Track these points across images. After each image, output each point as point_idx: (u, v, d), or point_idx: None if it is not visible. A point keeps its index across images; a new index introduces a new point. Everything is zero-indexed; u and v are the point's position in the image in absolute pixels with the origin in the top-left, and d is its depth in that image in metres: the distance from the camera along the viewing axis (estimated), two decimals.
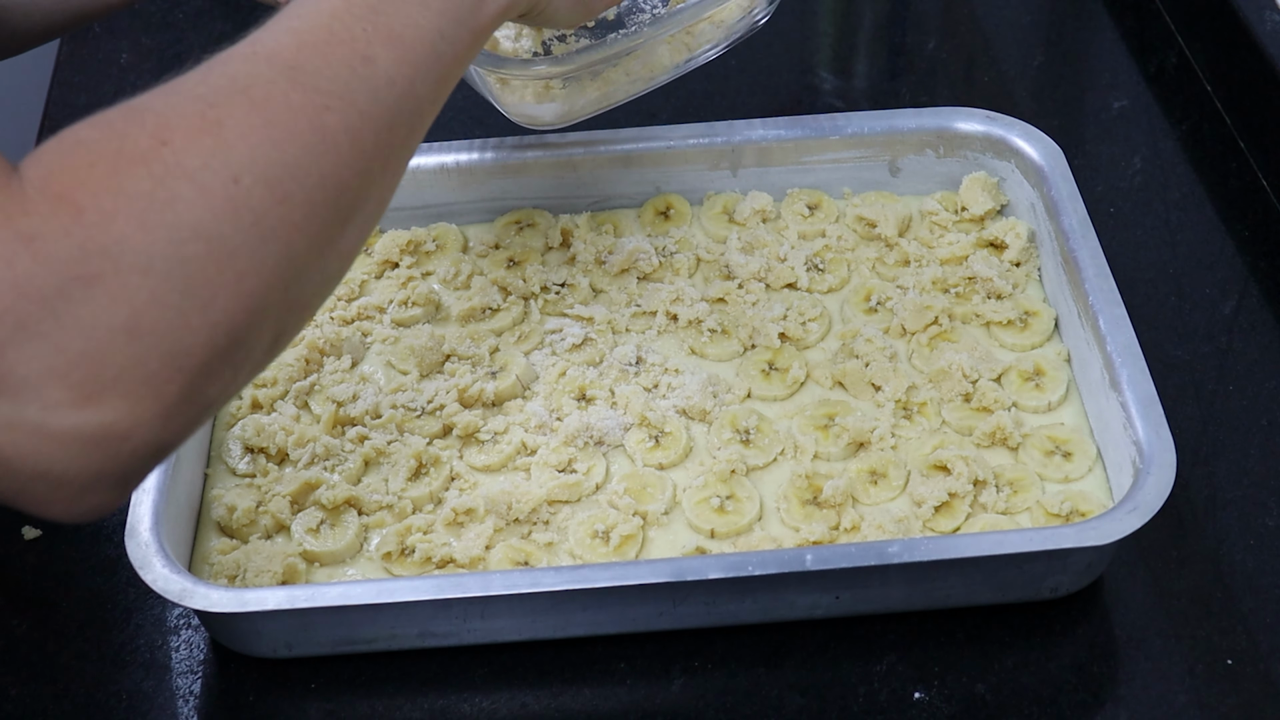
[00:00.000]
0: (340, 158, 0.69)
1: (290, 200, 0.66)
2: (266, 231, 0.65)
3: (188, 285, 0.62)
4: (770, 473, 1.03)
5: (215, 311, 0.63)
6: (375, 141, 0.71)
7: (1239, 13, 1.27)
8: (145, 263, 0.61)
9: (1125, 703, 0.94)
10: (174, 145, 0.64)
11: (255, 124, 0.66)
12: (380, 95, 0.71)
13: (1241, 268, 1.19)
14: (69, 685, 0.96)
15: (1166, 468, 0.93)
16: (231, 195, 0.64)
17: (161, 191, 0.63)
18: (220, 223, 0.64)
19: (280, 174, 0.66)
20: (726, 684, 0.95)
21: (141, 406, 0.62)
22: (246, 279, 0.64)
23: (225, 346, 0.64)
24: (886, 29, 1.48)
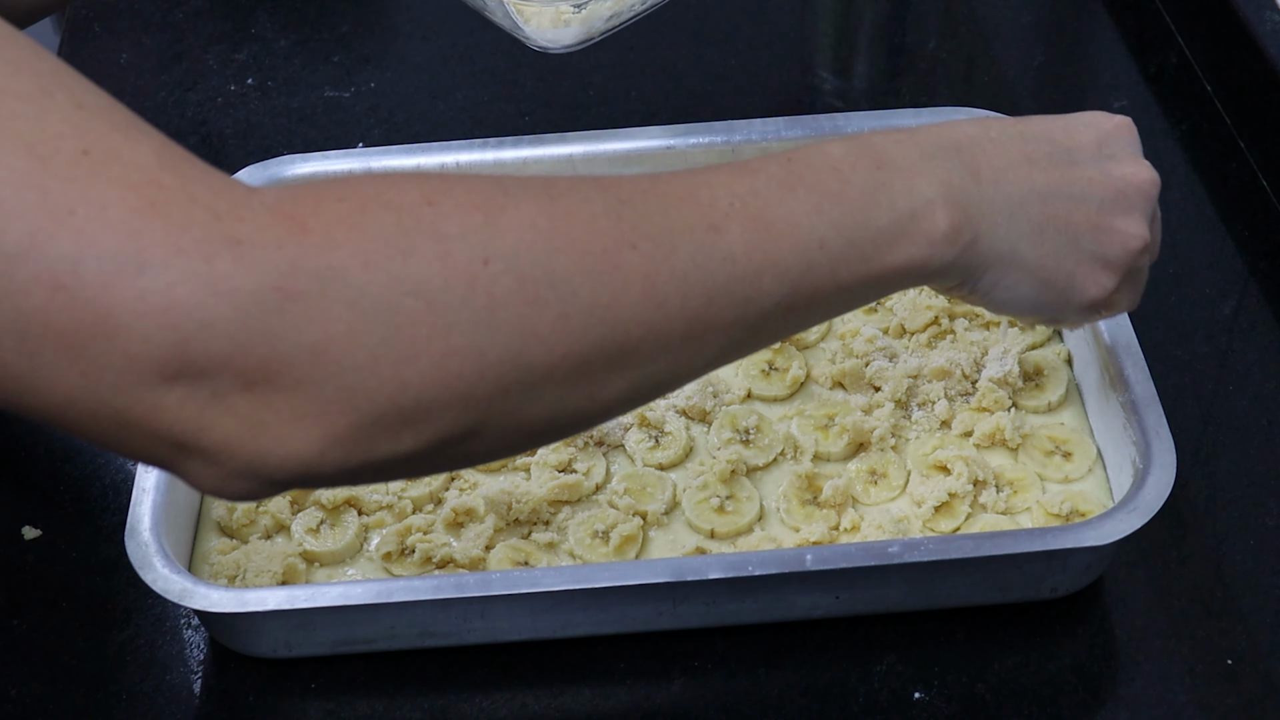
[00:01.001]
0: (625, 297, 0.64)
1: (541, 305, 0.62)
2: (499, 324, 0.61)
3: (391, 335, 0.60)
4: (770, 473, 1.03)
5: (410, 371, 0.60)
6: (681, 305, 0.65)
7: (1239, 13, 1.27)
8: (354, 297, 0.59)
9: (1125, 703, 0.94)
10: (439, 208, 0.62)
11: (539, 223, 0.63)
12: (708, 265, 0.66)
13: (1241, 268, 1.19)
14: (69, 685, 0.96)
15: (1166, 468, 0.93)
16: (474, 272, 0.61)
17: (402, 241, 0.60)
18: (449, 291, 0.60)
19: (540, 275, 0.62)
20: (726, 684, 0.95)
21: (304, 422, 0.60)
22: (456, 357, 0.61)
23: (411, 409, 0.61)
24: (886, 29, 1.48)
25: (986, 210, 0.76)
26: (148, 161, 0.59)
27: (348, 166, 1.16)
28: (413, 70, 1.41)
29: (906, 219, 0.73)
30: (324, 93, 1.39)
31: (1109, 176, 0.80)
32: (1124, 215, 0.80)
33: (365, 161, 1.17)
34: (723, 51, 1.42)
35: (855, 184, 0.72)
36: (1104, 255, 0.80)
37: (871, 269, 0.72)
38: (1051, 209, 0.78)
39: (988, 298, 0.80)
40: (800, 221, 0.69)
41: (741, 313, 0.68)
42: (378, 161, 1.17)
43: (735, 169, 0.71)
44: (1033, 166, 0.78)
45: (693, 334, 0.67)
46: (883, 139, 0.75)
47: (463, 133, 1.21)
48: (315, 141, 1.34)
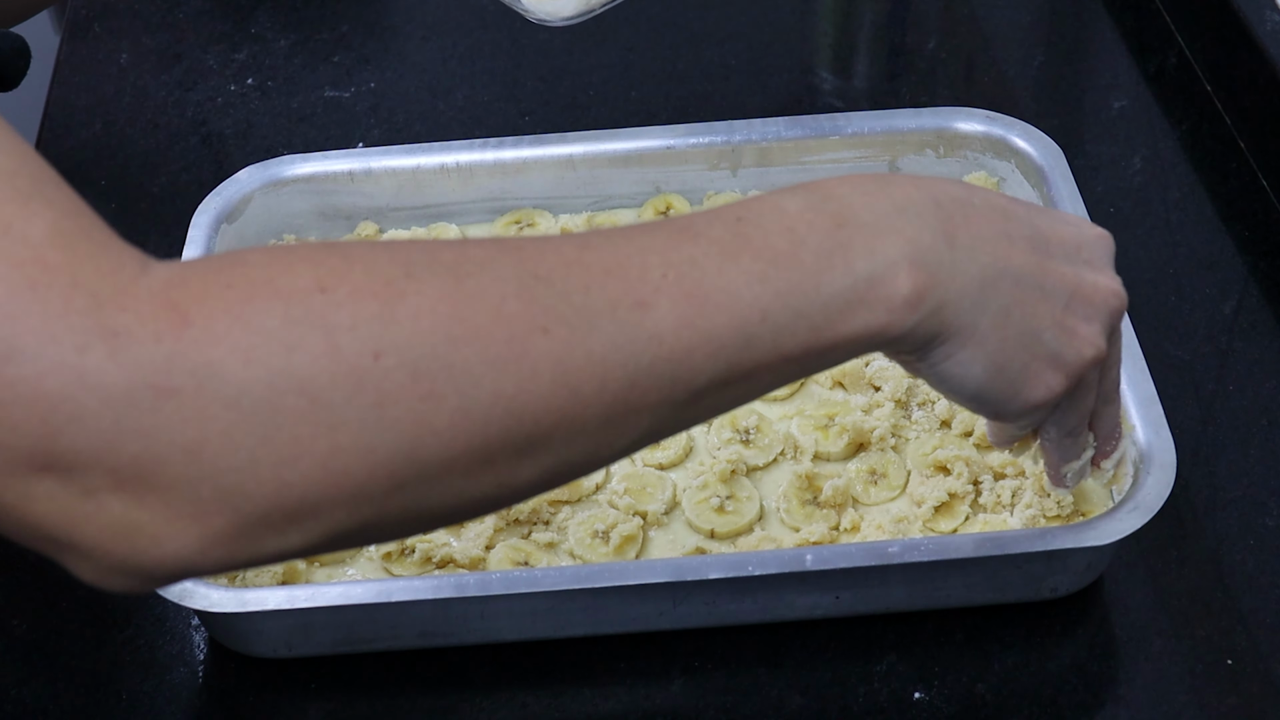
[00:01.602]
0: (532, 386, 0.60)
1: (437, 400, 0.58)
2: (389, 420, 0.58)
3: (271, 434, 0.56)
4: (770, 473, 1.03)
5: (292, 472, 0.57)
6: (599, 389, 0.61)
7: (1239, 13, 1.27)
8: (233, 395, 0.56)
9: (1125, 703, 0.94)
10: (332, 296, 0.58)
11: (441, 312, 0.59)
12: (630, 346, 0.62)
13: (1241, 268, 1.19)
14: (69, 685, 0.96)
15: (1166, 468, 0.93)
16: (363, 368, 0.57)
17: (287, 333, 0.57)
18: (335, 388, 0.57)
19: (437, 371, 0.58)
20: (726, 684, 0.95)
21: (180, 523, 0.57)
22: (342, 456, 0.57)
23: (295, 509, 0.58)
24: (886, 29, 1.48)
25: (957, 277, 0.70)
26: (39, 236, 0.56)
27: (348, 166, 1.16)
28: (413, 70, 1.41)
29: (864, 284, 0.67)
30: (324, 93, 1.39)
31: (1081, 278, 0.76)
32: (1087, 321, 0.76)
33: (365, 161, 1.17)
34: (723, 51, 1.42)
35: (810, 245, 0.67)
36: (1060, 355, 0.75)
37: (821, 339, 0.67)
38: (1021, 294, 0.73)
39: (935, 370, 0.74)
40: (740, 292, 0.64)
41: (669, 394, 0.63)
42: (378, 162, 1.17)
43: (677, 231, 0.66)
44: (1011, 245, 0.73)
45: (613, 418, 0.62)
46: (851, 190, 0.70)
47: (463, 133, 1.21)
48: (315, 141, 1.34)
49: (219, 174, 1.21)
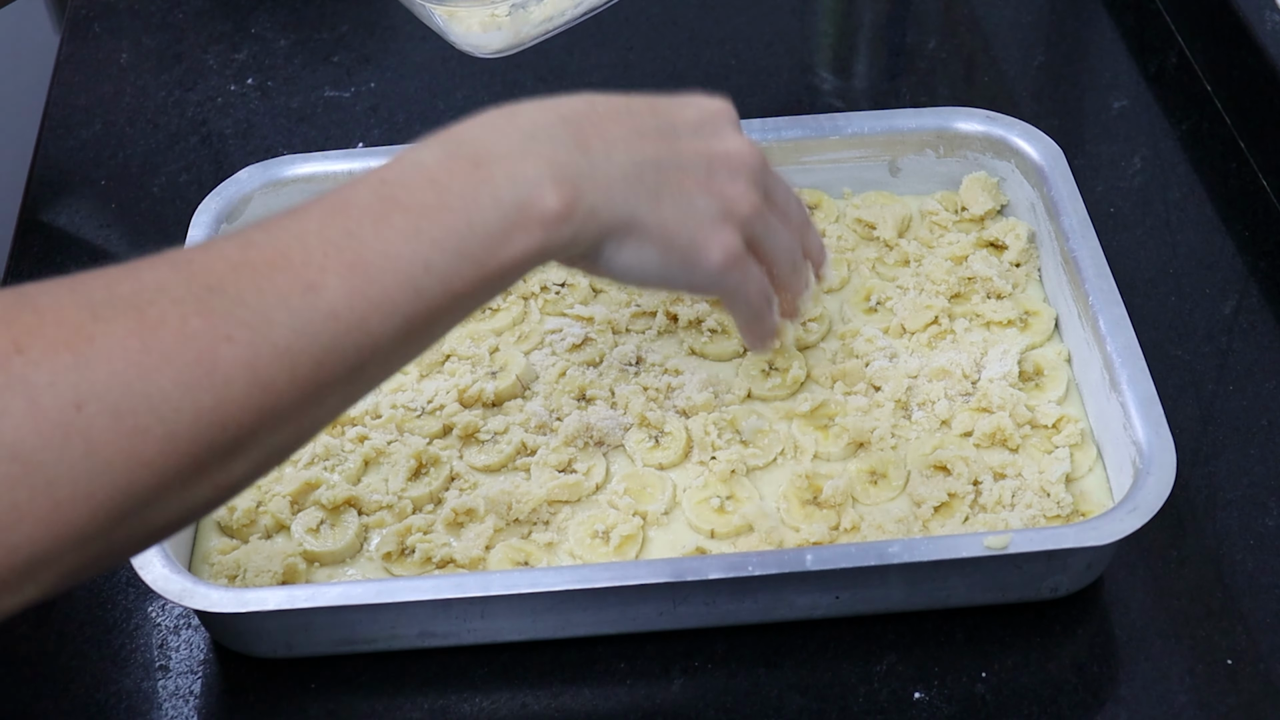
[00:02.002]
0: (227, 394, 0.62)
1: (144, 434, 0.60)
2: (101, 464, 0.59)
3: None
4: (770, 473, 1.03)
5: (17, 535, 0.58)
6: (290, 378, 0.64)
7: (1239, 13, 1.27)
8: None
9: (1125, 703, 0.94)
10: (29, 355, 0.59)
11: (130, 347, 0.61)
12: (310, 329, 0.64)
13: (1241, 268, 1.19)
14: (69, 685, 0.96)
15: (1166, 468, 0.93)
16: (67, 421, 0.59)
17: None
18: (45, 448, 0.58)
19: (138, 405, 0.60)
20: (726, 684, 0.95)
21: None
22: (64, 508, 0.59)
23: (24, 567, 0.59)
24: (886, 29, 1.48)
25: (599, 180, 0.75)
26: None
27: (348, 166, 1.16)
28: (413, 70, 1.41)
29: (514, 211, 0.71)
30: (324, 93, 1.39)
31: (712, 149, 0.81)
32: (732, 181, 0.81)
33: (365, 162, 1.17)
34: (723, 51, 1.42)
35: (454, 191, 0.70)
36: (719, 215, 0.80)
37: (487, 270, 0.70)
38: (664, 177, 0.78)
39: (611, 266, 0.78)
40: (400, 251, 0.67)
41: (356, 361, 0.66)
42: (377, 161, 1.16)
43: (330, 209, 0.68)
44: (642, 138, 0.79)
45: (308, 399, 0.65)
46: (482, 129, 0.73)
47: None
48: (315, 141, 1.34)
49: (219, 174, 1.21)
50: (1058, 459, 1.01)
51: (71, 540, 0.60)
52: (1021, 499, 0.99)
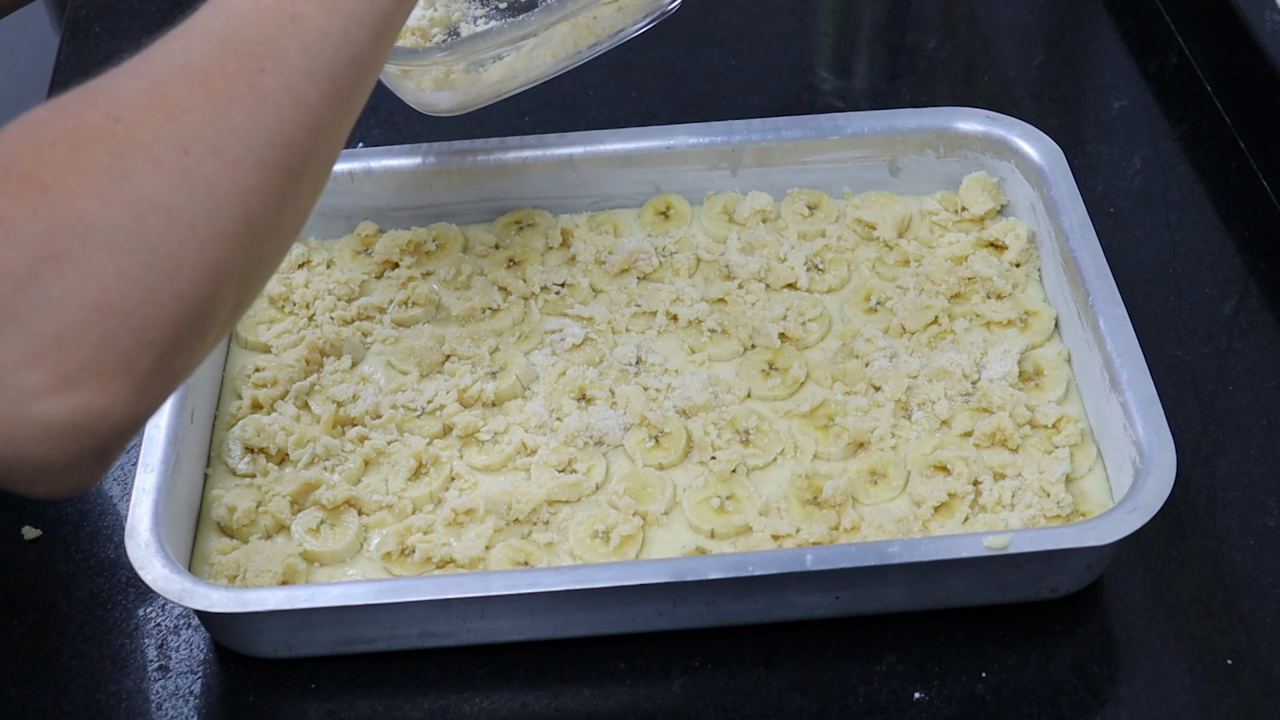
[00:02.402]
0: (284, 116, 0.70)
1: (241, 165, 0.68)
2: (221, 198, 0.66)
3: (152, 258, 0.64)
4: (770, 473, 1.03)
5: (181, 282, 0.65)
6: (319, 94, 0.72)
7: (1239, 13, 1.27)
8: (110, 238, 0.63)
9: (1125, 703, 0.94)
10: (126, 121, 0.65)
11: (197, 95, 0.68)
12: (314, 49, 0.72)
13: (1241, 268, 1.19)
14: (69, 685, 0.96)
15: (1166, 468, 0.93)
16: (184, 166, 0.65)
17: (119, 166, 0.64)
18: (176, 193, 0.65)
19: (228, 140, 0.67)
20: (726, 684, 0.95)
21: (116, 385, 0.63)
22: (208, 247, 0.66)
23: (193, 316, 0.66)
24: (886, 29, 1.48)
25: None
26: None
27: (347, 167, 1.16)
28: None
29: None
30: None
31: None
32: None
33: (365, 162, 1.17)
34: (723, 51, 1.42)
35: None
36: None
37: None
38: None
39: None
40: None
41: (356, 72, 0.75)
42: (378, 162, 1.17)
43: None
44: None
45: (337, 113, 0.73)
46: None
47: (463, 133, 1.21)
48: None
49: None
50: (1058, 459, 1.01)
51: (219, 281, 0.66)
52: (1021, 499, 0.99)
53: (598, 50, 1.08)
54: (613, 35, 1.07)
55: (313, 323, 1.12)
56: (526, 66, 1.06)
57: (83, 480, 0.67)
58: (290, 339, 1.11)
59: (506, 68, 1.05)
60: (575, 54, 1.07)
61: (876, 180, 1.20)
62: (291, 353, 1.09)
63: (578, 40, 1.06)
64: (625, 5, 1.05)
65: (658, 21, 1.08)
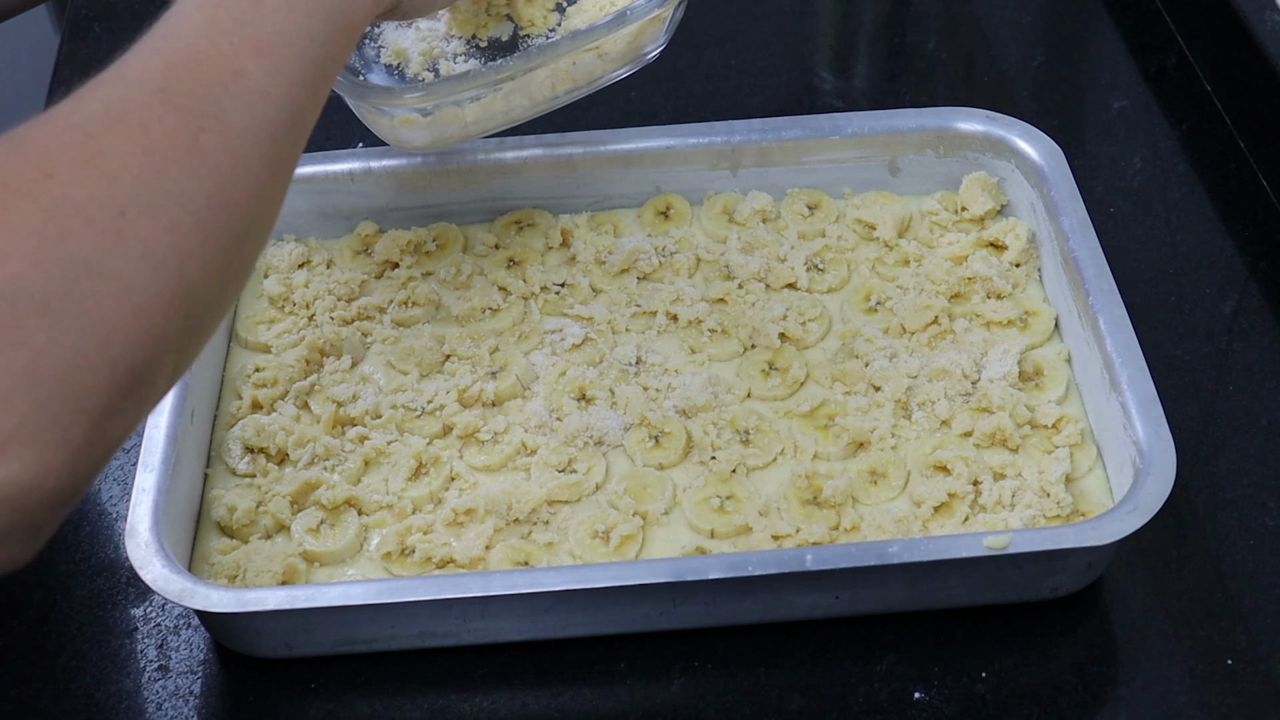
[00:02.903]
0: (224, 179, 0.67)
1: (179, 228, 0.65)
2: (158, 262, 0.64)
3: (84, 323, 0.61)
4: (770, 473, 1.03)
5: (115, 348, 0.62)
6: (259, 157, 0.70)
7: (1239, 13, 1.27)
8: (41, 301, 0.60)
9: (1125, 703, 0.94)
10: (59, 177, 0.62)
11: (134, 152, 0.65)
12: (256, 109, 0.70)
13: (1241, 268, 1.19)
14: (69, 685, 0.96)
15: (1166, 468, 0.94)
16: (119, 228, 0.63)
17: (51, 226, 0.61)
18: (111, 256, 0.62)
19: (165, 201, 0.65)
20: (726, 684, 0.95)
21: (47, 454, 0.60)
22: (144, 313, 0.63)
23: (128, 384, 0.63)
24: (886, 29, 1.48)
25: None
26: None
27: (348, 167, 1.16)
28: None
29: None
30: None
31: None
32: None
33: (365, 162, 1.17)
34: (723, 51, 1.42)
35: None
36: None
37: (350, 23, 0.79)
38: None
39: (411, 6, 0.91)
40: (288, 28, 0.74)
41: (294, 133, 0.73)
42: (378, 162, 1.17)
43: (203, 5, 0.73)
44: None
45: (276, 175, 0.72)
46: None
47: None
48: (315, 141, 1.33)
49: None
50: (1058, 459, 1.01)
51: (155, 346, 0.64)
52: (1021, 499, 0.99)
53: (575, 95, 1.06)
54: (591, 81, 1.06)
55: (313, 323, 1.12)
56: (504, 109, 1.05)
57: (11, 558, 0.63)
58: (290, 339, 1.11)
59: (483, 109, 1.04)
60: (553, 98, 1.06)
61: (876, 180, 1.20)
62: (291, 353, 1.09)
63: (555, 85, 1.05)
64: (605, 52, 1.04)
65: (637, 69, 1.07)
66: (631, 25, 1.01)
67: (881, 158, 1.19)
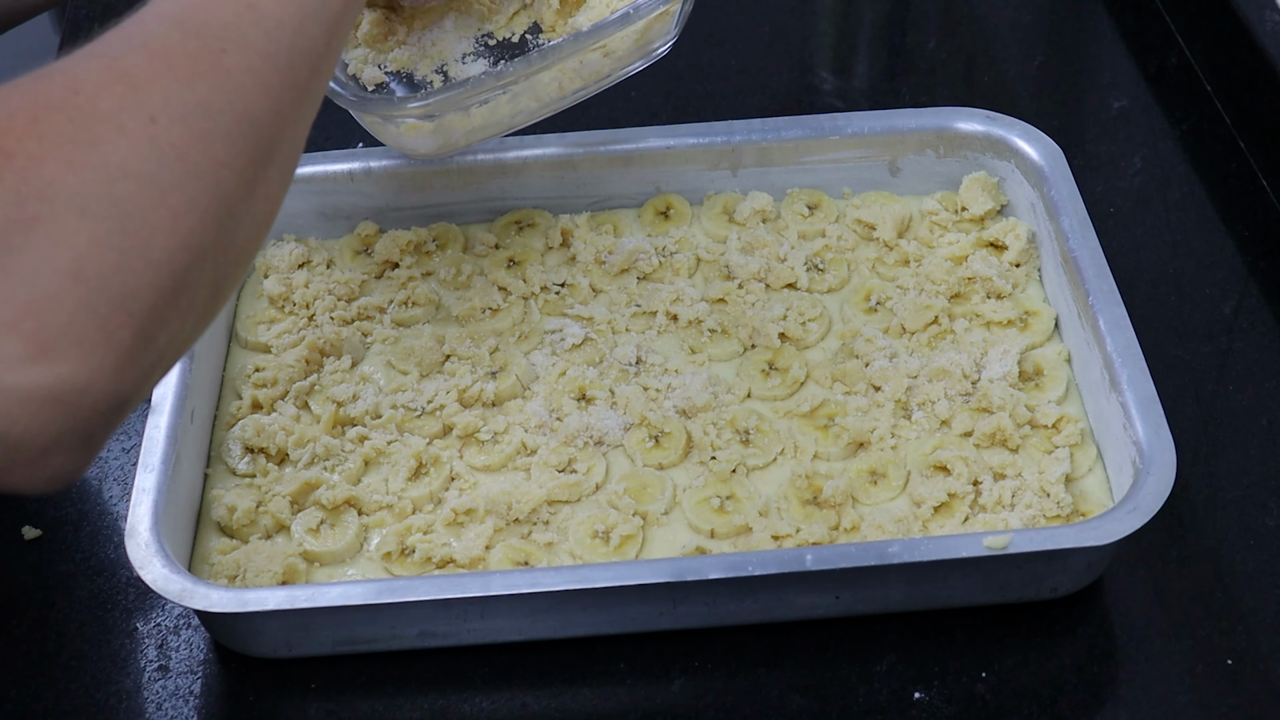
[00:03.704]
0: (249, 95, 0.69)
1: (209, 137, 0.67)
2: (191, 167, 0.65)
3: (125, 224, 0.62)
4: (770, 473, 1.03)
5: (156, 250, 0.63)
6: (280, 80, 0.71)
7: (1239, 13, 1.27)
8: (80, 203, 0.61)
9: (1125, 703, 0.94)
10: (86, 93, 0.64)
11: (159, 69, 0.67)
12: (273, 35, 0.72)
13: (1241, 268, 1.19)
14: (69, 685, 0.96)
15: (1166, 468, 0.94)
16: (151, 134, 0.64)
17: (82, 134, 0.63)
18: (145, 160, 0.64)
19: (194, 111, 0.66)
20: (726, 684, 0.95)
21: (96, 355, 0.62)
22: (181, 216, 0.64)
23: (170, 288, 0.64)
24: (886, 29, 1.48)
25: None
26: None
27: (348, 167, 1.16)
28: None
29: None
30: None
31: None
32: None
33: (365, 162, 1.17)
34: (723, 51, 1.42)
35: None
36: None
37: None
38: None
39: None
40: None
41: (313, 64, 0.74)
42: (378, 162, 1.17)
43: None
44: None
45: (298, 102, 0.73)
46: None
47: None
48: (315, 141, 1.33)
49: None
50: (1058, 459, 1.01)
51: (194, 252, 0.65)
52: (1021, 499, 0.99)
53: (584, 95, 1.06)
54: (599, 81, 1.06)
55: (313, 323, 1.12)
56: (511, 112, 1.05)
57: (64, 468, 0.64)
58: (290, 339, 1.11)
59: (490, 112, 1.04)
60: (560, 99, 1.06)
61: (876, 180, 1.20)
62: (291, 353, 1.09)
63: (563, 86, 1.05)
64: (612, 51, 1.04)
65: (647, 65, 1.07)
66: (638, 23, 1.01)
67: (881, 158, 1.19)
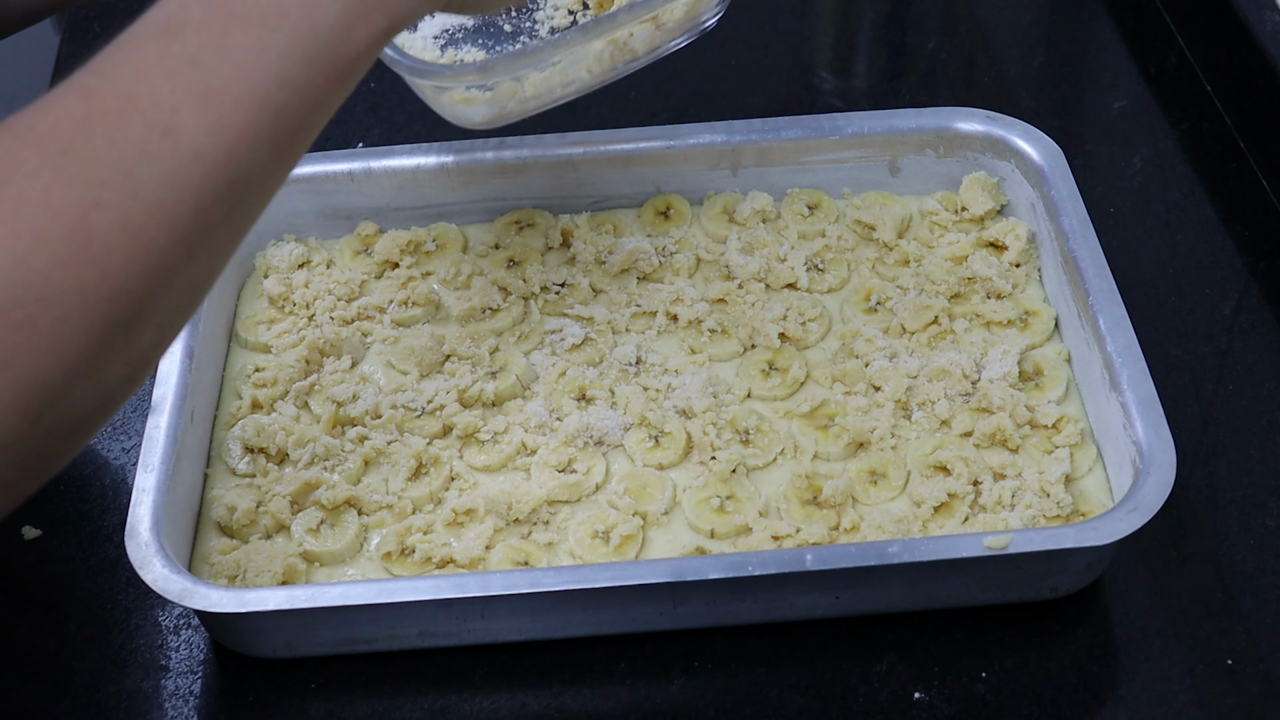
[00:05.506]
0: (111, 263, 0.59)
1: (34, 324, 0.57)
2: (1, 364, 0.57)
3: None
4: (770, 473, 1.03)
5: None
6: (170, 233, 0.60)
7: (1239, 13, 1.27)
8: None
9: (1125, 703, 0.94)
10: None
11: (3, 233, 0.57)
12: (179, 177, 0.61)
13: (1241, 268, 1.19)
14: (69, 685, 0.96)
15: (1166, 468, 0.94)
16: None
17: None
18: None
19: (20, 295, 0.57)
20: (726, 684, 0.95)
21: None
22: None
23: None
24: (886, 29, 1.48)
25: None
26: None
27: (348, 167, 1.16)
28: None
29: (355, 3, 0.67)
30: None
31: None
32: None
33: (365, 162, 1.17)
34: (723, 51, 1.42)
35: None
36: None
37: (338, 70, 0.67)
38: None
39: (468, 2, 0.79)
40: (250, 72, 0.63)
41: (233, 197, 0.63)
42: (378, 162, 1.17)
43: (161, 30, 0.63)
44: None
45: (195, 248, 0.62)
46: None
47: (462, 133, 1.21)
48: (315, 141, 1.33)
49: None
50: (1058, 459, 1.01)
51: (10, 450, 0.57)
52: (1021, 499, 0.99)
53: (634, 66, 1.06)
54: (650, 52, 1.06)
55: (313, 323, 1.12)
56: (563, 82, 1.05)
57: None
58: (290, 339, 1.11)
59: (542, 83, 1.04)
60: (612, 70, 1.06)
61: (876, 180, 1.20)
62: (291, 353, 1.09)
63: (614, 57, 1.05)
64: (663, 22, 1.04)
65: (696, 38, 1.07)
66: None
67: (881, 158, 1.19)
